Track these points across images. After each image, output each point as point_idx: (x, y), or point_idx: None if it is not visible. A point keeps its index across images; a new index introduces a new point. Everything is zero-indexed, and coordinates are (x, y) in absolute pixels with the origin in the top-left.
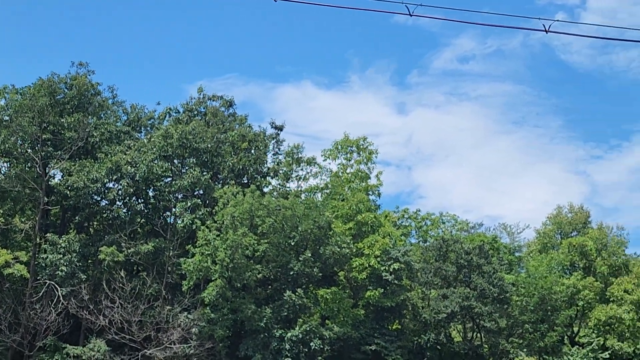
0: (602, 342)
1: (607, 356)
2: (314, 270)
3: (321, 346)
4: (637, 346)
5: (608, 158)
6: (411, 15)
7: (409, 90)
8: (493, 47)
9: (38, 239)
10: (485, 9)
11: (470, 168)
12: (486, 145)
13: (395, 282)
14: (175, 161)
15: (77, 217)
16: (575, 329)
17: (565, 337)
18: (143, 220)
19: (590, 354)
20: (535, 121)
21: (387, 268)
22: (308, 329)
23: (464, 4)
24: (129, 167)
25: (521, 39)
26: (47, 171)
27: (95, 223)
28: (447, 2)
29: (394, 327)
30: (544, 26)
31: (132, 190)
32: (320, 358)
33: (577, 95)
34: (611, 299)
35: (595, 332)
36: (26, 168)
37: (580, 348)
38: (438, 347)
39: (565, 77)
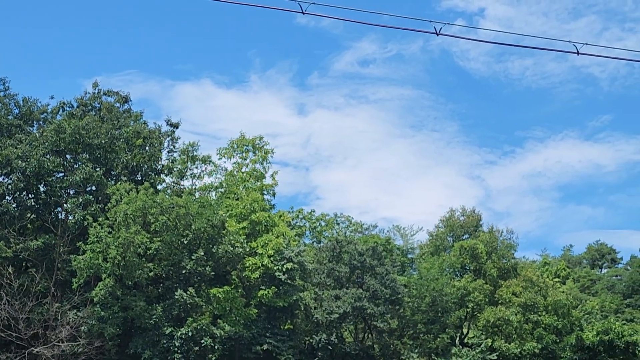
0: (490, 343)
1: (495, 357)
2: (207, 269)
3: (212, 345)
4: (524, 347)
5: (502, 164)
6: (304, 13)
7: (309, 91)
8: (393, 51)
9: None
10: (385, 12)
11: (368, 170)
12: (384, 148)
13: (288, 282)
14: (68, 156)
15: None
16: (465, 330)
17: (455, 338)
18: (33, 215)
19: (478, 355)
20: (432, 125)
21: (280, 268)
22: (198, 327)
23: (363, 6)
24: (20, 162)
25: (421, 44)
26: None
27: None
28: (347, 4)
29: (286, 327)
30: (435, 29)
31: (22, 185)
32: (211, 356)
33: (473, 101)
34: (500, 301)
35: (484, 333)
36: None
37: (469, 349)
38: (329, 347)
39: (462, 83)
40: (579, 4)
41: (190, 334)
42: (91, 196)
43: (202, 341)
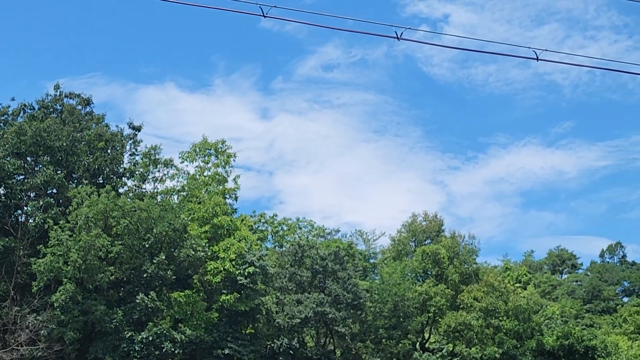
0: (451, 348)
1: None
2: (168, 273)
3: (172, 349)
4: (485, 352)
5: (465, 169)
6: (265, 17)
7: (273, 95)
8: (357, 56)
9: None
10: (349, 17)
11: (331, 175)
12: (347, 153)
13: (250, 286)
14: (29, 159)
15: None
16: (427, 335)
17: (417, 343)
18: None
19: (440, 359)
20: (395, 130)
21: (242, 272)
22: (159, 331)
23: (327, 10)
24: None
25: (385, 49)
26: None
27: None
28: (311, 8)
29: (247, 331)
30: (396, 33)
31: None
32: None
33: (437, 106)
34: (461, 306)
35: (446, 338)
36: None
37: (431, 354)
38: (291, 352)
39: (426, 88)
40: (541, 11)
41: (150, 338)
42: (52, 199)
43: (163, 345)
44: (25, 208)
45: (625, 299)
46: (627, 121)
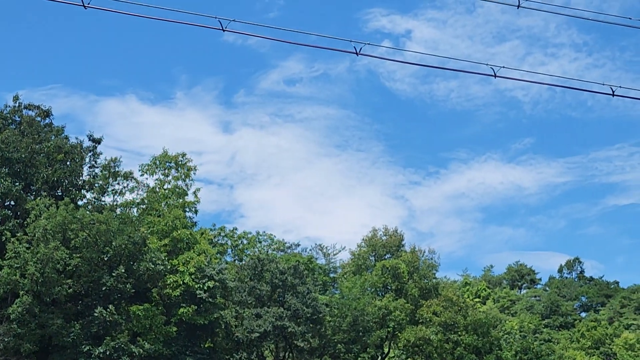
0: None
1: None
2: (127, 286)
3: None
4: None
5: (426, 184)
6: (224, 30)
7: (235, 109)
8: (320, 70)
9: None
10: (310, 32)
11: (293, 189)
12: (309, 167)
13: (209, 300)
14: None
15: None
16: (386, 350)
17: (377, 357)
18: None
19: None
20: (357, 145)
21: (201, 286)
22: (117, 345)
23: (289, 25)
24: None
25: (347, 64)
26: None
27: None
28: (275, 23)
29: (206, 345)
30: (355, 49)
31: None
32: None
33: (398, 121)
34: (420, 321)
35: (405, 352)
36: None
37: None
38: None
39: (388, 103)
40: (503, 28)
41: (108, 353)
42: (9, 211)
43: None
44: None
45: (583, 314)
46: (587, 138)
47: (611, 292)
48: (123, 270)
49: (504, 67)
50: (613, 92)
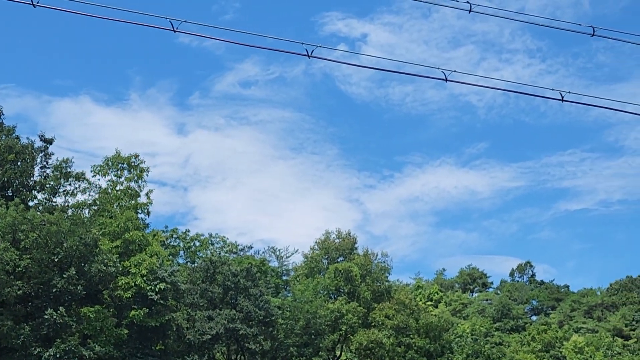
0: None
1: None
2: (78, 288)
3: None
4: None
5: (380, 188)
6: (175, 31)
7: (189, 111)
8: (275, 73)
9: None
10: (270, 34)
11: (247, 192)
12: (263, 170)
13: (161, 302)
14: None
15: None
16: (338, 353)
17: None
18: None
19: None
20: (312, 148)
21: (153, 288)
22: (67, 348)
23: (245, 28)
24: None
25: (303, 67)
26: None
27: None
28: (230, 25)
29: (157, 347)
30: (307, 51)
31: None
32: None
33: (353, 125)
34: (373, 324)
35: (357, 356)
36: None
37: None
38: None
39: (343, 107)
40: (458, 33)
41: (58, 355)
42: None
43: None
44: None
45: (534, 318)
46: (539, 143)
47: (561, 296)
48: (74, 272)
49: (455, 71)
50: (562, 97)
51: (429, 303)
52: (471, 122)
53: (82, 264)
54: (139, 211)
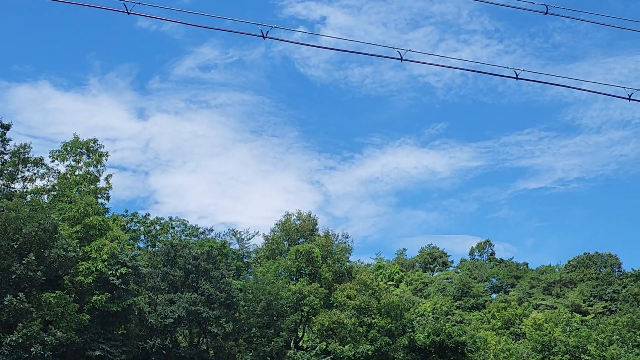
0: (324, 346)
1: None
2: (38, 273)
3: (42, 352)
4: (358, 349)
5: (341, 169)
6: (128, 13)
7: (149, 95)
8: (235, 57)
9: None
10: (223, 16)
11: (208, 175)
12: (224, 153)
13: (122, 286)
14: None
15: None
16: (300, 334)
17: (290, 341)
18: None
19: (313, 358)
20: (272, 131)
21: (114, 272)
22: (28, 333)
23: (203, 10)
24: None
25: (263, 50)
26: None
27: None
28: (191, 7)
29: (119, 332)
30: (262, 32)
31: None
32: None
33: (313, 107)
34: (334, 304)
35: (319, 336)
36: None
37: (304, 352)
38: (164, 352)
39: (303, 89)
40: (416, 15)
41: (20, 341)
42: None
43: (32, 348)
44: None
45: (494, 295)
46: (498, 123)
47: (521, 274)
48: (33, 258)
49: (410, 50)
50: (517, 75)
51: (390, 283)
52: (430, 102)
53: (42, 250)
54: (99, 196)
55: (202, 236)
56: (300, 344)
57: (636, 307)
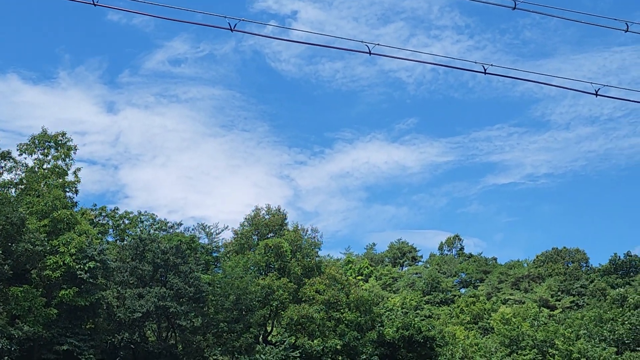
0: (293, 341)
1: (298, 354)
2: (5, 267)
3: (9, 346)
4: (327, 344)
5: (311, 164)
6: (95, 5)
7: (119, 89)
8: (205, 51)
9: None
10: (199, 10)
11: (178, 169)
12: (194, 147)
13: (91, 280)
14: None
15: None
16: (269, 329)
17: (259, 336)
18: None
19: (282, 352)
20: (243, 125)
21: (82, 267)
22: None
23: (172, 2)
24: None
25: (233, 44)
26: None
27: None
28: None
29: (87, 326)
30: (230, 25)
31: None
32: (7, 358)
33: (284, 102)
34: (303, 299)
35: (288, 331)
36: None
37: (273, 347)
38: (132, 346)
39: (273, 84)
40: (387, 10)
41: None
42: None
43: None
44: None
45: (463, 290)
46: (468, 118)
47: (489, 268)
48: (0, 252)
49: (378, 44)
50: (485, 70)
51: (360, 277)
52: (401, 97)
53: (9, 244)
54: (67, 190)
55: (171, 230)
56: (269, 338)
57: (603, 301)
